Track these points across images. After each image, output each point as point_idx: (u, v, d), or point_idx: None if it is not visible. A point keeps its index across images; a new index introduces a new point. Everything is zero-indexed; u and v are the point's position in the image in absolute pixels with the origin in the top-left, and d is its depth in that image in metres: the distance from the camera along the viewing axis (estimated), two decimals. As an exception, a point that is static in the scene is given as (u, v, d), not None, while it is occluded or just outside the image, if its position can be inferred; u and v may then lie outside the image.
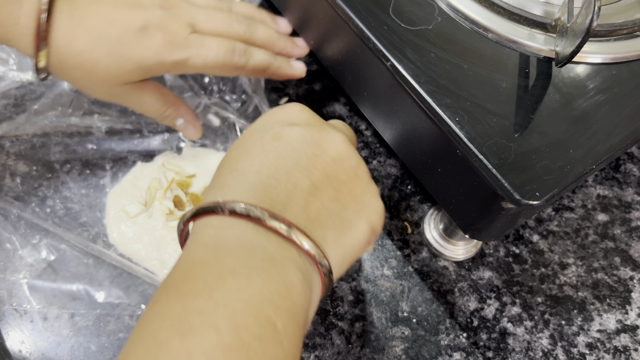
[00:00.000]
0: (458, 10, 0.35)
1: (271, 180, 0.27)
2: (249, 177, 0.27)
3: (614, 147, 0.31)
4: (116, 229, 0.41)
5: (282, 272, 0.24)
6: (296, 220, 0.26)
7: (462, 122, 0.30)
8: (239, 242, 0.25)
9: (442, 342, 0.39)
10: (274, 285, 0.23)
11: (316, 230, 0.27)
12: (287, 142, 0.29)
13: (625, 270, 0.43)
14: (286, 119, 0.30)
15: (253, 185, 0.27)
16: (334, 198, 0.28)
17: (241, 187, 0.27)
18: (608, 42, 0.35)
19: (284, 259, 0.25)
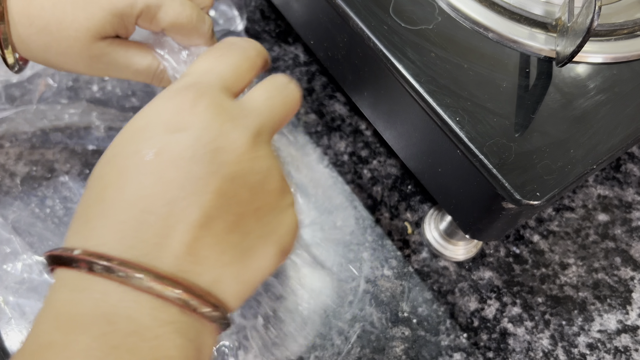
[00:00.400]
0: (458, 10, 0.35)
1: (146, 215, 0.22)
2: (118, 212, 0.22)
3: (614, 147, 0.31)
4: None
5: (153, 346, 0.20)
6: (177, 264, 0.22)
7: (462, 122, 0.30)
8: (98, 312, 0.20)
9: (442, 343, 0.39)
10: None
11: (206, 272, 0.23)
12: (170, 159, 0.23)
13: (625, 271, 0.43)
14: (172, 122, 0.24)
15: (122, 225, 0.22)
16: (232, 227, 0.23)
17: (107, 227, 0.22)
18: (609, 41, 0.35)
19: (157, 326, 0.21)
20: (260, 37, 0.51)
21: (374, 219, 0.43)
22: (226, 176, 0.23)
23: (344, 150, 0.46)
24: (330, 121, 0.47)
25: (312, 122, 0.47)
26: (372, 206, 0.44)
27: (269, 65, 0.32)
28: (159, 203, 0.22)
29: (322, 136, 0.47)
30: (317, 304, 0.40)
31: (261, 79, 0.30)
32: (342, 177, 0.45)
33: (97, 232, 0.22)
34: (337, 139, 0.47)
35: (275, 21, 0.52)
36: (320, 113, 0.48)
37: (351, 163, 0.46)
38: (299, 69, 0.50)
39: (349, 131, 0.47)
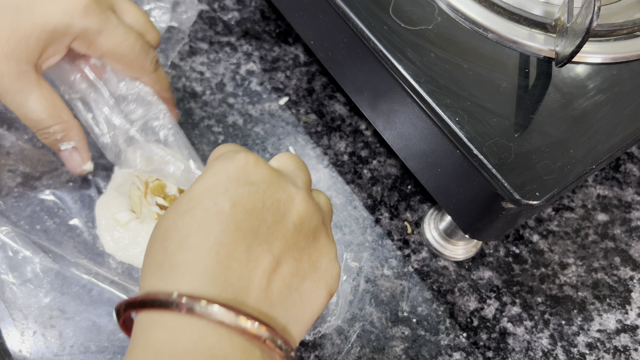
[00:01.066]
0: (458, 10, 0.35)
1: (231, 261, 0.24)
2: (205, 258, 0.24)
3: (614, 147, 0.31)
4: (110, 238, 0.40)
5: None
6: (259, 307, 0.24)
7: (462, 122, 0.30)
8: (198, 351, 0.22)
9: (442, 342, 0.39)
10: None
11: (280, 315, 0.24)
12: (245, 209, 0.25)
13: (625, 270, 0.43)
14: (241, 177, 0.26)
15: (210, 270, 0.23)
16: (294, 271, 0.26)
17: (196, 272, 0.23)
18: (608, 42, 0.35)
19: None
20: (260, 38, 0.51)
21: (373, 218, 0.44)
22: (289, 225, 0.26)
23: (344, 150, 0.46)
24: (330, 121, 0.47)
25: (312, 122, 0.47)
26: (372, 206, 0.44)
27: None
28: (240, 249, 0.24)
29: (322, 136, 0.47)
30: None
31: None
32: (342, 177, 0.45)
33: (187, 277, 0.23)
34: (337, 139, 0.47)
35: (275, 21, 0.52)
36: (320, 113, 0.48)
37: (351, 163, 0.46)
38: (299, 69, 0.50)
39: (349, 131, 0.47)
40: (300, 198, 0.27)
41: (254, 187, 0.25)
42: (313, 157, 0.46)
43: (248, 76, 0.49)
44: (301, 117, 0.47)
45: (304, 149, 0.46)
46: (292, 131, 0.47)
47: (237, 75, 0.49)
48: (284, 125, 0.47)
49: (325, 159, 0.46)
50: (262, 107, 0.48)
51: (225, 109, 0.47)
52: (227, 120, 0.47)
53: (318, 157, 0.46)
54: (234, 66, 0.49)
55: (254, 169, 0.26)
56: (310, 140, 0.46)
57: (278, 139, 0.46)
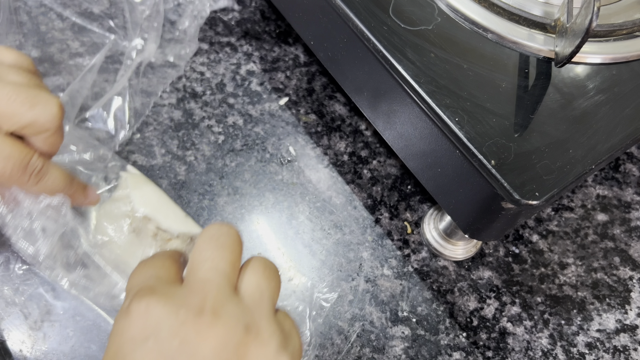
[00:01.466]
0: (458, 11, 0.35)
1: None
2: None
3: (613, 147, 0.31)
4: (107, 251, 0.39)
5: None
6: None
7: (461, 122, 0.30)
8: None
9: (441, 342, 0.39)
10: None
11: None
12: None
13: (624, 270, 0.43)
14: (138, 334, 0.24)
15: None
16: None
17: None
18: (607, 42, 0.35)
19: None
20: (260, 38, 0.51)
21: (373, 218, 0.44)
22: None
23: (344, 150, 0.46)
24: (330, 121, 0.48)
25: (312, 123, 0.47)
26: (372, 206, 0.44)
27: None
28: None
29: (322, 136, 0.47)
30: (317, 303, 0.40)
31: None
32: (342, 177, 0.45)
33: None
34: (337, 139, 0.47)
35: (275, 22, 0.52)
36: (320, 113, 0.48)
37: (351, 163, 0.46)
38: (299, 70, 0.50)
39: (349, 131, 0.47)
40: (268, 350, 0.24)
41: (148, 342, 0.23)
42: (313, 157, 0.46)
43: (248, 76, 0.49)
44: (301, 117, 0.48)
45: (304, 149, 0.46)
46: (292, 131, 0.47)
47: (238, 75, 0.49)
48: (284, 126, 0.47)
49: (325, 159, 0.46)
50: (262, 107, 0.48)
51: (226, 109, 0.47)
52: (228, 120, 0.47)
53: (318, 157, 0.46)
54: (234, 66, 0.49)
55: (145, 319, 0.24)
56: (310, 140, 0.47)
57: (278, 139, 0.46)
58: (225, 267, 0.26)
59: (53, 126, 0.32)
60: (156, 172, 0.44)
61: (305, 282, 0.40)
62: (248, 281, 0.26)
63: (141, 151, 0.44)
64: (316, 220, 0.43)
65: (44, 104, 0.31)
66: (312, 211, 0.43)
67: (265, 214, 0.43)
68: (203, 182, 0.44)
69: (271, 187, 0.44)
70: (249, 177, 0.44)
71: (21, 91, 0.31)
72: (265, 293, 0.26)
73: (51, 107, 0.32)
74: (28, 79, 0.32)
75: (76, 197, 0.36)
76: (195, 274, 0.26)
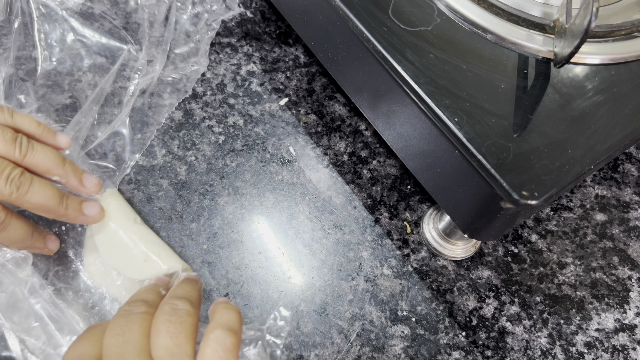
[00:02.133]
0: (457, 12, 0.35)
1: None
2: None
3: (612, 147, 0.31)
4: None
5: None
6: None
7: (461, 123, 0.30)
8: None
9: (441, 341, 0.39)
10: None
11: None
12: None
13: (623, 270, 0.43)
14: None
15: None
16: None
17: None
18: (606, 43, 0.35)
19: None
20: (261, 39, 0.51)
21: (373, 218, 0.44)
22: None
23: (344, 150, 0.46)
24: (330, 122, 0.48)
25: (312, 123, 0.47)
26: (372, 206, 0.44)
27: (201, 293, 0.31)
28: None
29: (322, 136, 0.47)
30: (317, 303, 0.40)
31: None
32: (342, 177, 0.45)
33: None
34: (337, 139, 0.47)
35: (275, 22, 0.52)
36: (320, 114, 0.48)
37: (351, 163, 0.46)
38: (299, 70, 0.50)
39: (349, 131, 0.47)
40: None
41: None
42: (313, 157, 0.46)
43: (248, 77, 0.49)
44: (301, 118, 0.48)
45: (304, 149, 0.46)
46: (292, 131, 0.47)
47: (238, 76, 0.49)
48: (284, 126, 0.47)
49: (325, 159, 0.46)
50: (263, 107, 0.48)
51: (226, 110, 0.47)
52: (228, 120, 0.47)
53: (318, 157, 0.46)
54: (235, 67, 0.49)
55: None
56: (310, 141, 0.47)
57: (278, 139, 0.46)
58: (188, 348, 0.26)
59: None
60: (157, 172, 0.44)
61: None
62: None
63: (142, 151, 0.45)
64: (316, 220, 0.43)
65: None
66: (312, 211, 0.44)
67: (265, 213, 0.43)
68: (203, 182, 0.44)
69: (271, 187, 0.44)
70: (249, 177, 0.45)
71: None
72: None
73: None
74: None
75: (36, 246, 0.36)
76: (158, 353, 0.26)
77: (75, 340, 0.28)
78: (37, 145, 0.35)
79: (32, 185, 0.33)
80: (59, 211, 0.35)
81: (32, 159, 0.34)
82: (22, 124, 0.36)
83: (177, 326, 0.26)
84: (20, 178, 0.33)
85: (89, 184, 0.37)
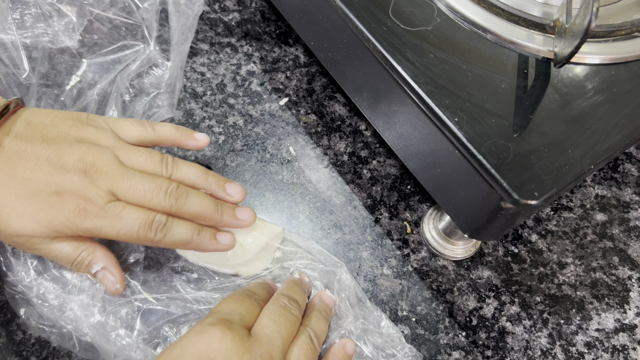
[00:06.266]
0: (457, 12, 0.35)
1: None
2: None
3: (612, 147, 0.31)
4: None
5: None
6: None
7: (461, 123, 0.30)
8: None
9: (441, 341, 0.39)
10: None
11: None
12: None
13: (623, 270, 0.43)
14: (204, 352, 0.29)
15: None
16: None
17: None
18: (606, 42, 0.35)
19: None
20: (261, 39, 0.51)
21: (373, 218, 0.44)
22: None
23: (344, 150, 0.46)
24: (330, 121, 0.48)
25: (312, 123, 0.47)
26: (372, 206, 0.44)
27: (274, 291, 0.38)
28: None
29: (322, 136, 0.47)
30: (317, 303, 0.40)
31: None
32: (342, 177, 0.45)
33: None
34: (337, 139, 0.47)
35: (275, 22, 0.52)
36: (320, 114, 0.48)
37: (351, 163, 0.46)
38: (299, 70, 0.50)
39: (349, 131, 0.47)
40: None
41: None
42: (313, 157, 0.46)
43: (248, 77, 0.49)
44: (301, 118, 0.48)
45: (304, 149, 0.46)
46: (292, 131, 0.47)
47: (238, 76, 0.49)
48: (284, 126, 0.47)
49: (325, 159, 0.46)
50: (263, 107, 0.48)
51: (226, 110, 0.47)
52: (228, 120, 0.47)
53: (318, 157, 0.46)
54: (235, 67, 0.49)
55: (218, 345, 0.30)
56: (310, 141, 0.47)
57: (278, 139, 0.46)
58: (285, 336, 0.32)
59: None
60: (157, 172, 0.44)
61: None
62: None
63: (142, 151, 0.45)
64: (316, 220, 0.43)
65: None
66: (312, 211, 0.44)
67: (265, 213, 0.43)
68: (203, 182, 0.44)
69: (271, 187, 0.44)
70: (249, 177, 0.45)
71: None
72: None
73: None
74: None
75: (203, 244, 0.37)
76: (263, 330, 0.32)
77: (231, 298, 0.34)
78: (181, 163, 0.37)
79: (189, 197, 0.36)
80: (214, 218, 0.37)
81: (178, 176, 0.37)
82: (163, 134, 0.39)
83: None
84: (178, 191, 0.35)
85: (233, 192, 0.39)
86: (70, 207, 0.33)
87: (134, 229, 0.34)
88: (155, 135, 0.39)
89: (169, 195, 0.35)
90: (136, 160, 0.36)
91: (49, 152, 0.33)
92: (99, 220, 0.33)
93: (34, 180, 0.33)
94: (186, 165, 0.38)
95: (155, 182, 0.35)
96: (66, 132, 0.35)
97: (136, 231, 0.34)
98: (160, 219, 0.34)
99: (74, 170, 0.33)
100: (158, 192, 0.35)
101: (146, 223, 0.34)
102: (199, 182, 0.37)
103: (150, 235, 0.34)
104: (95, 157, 0.34)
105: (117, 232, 0.34)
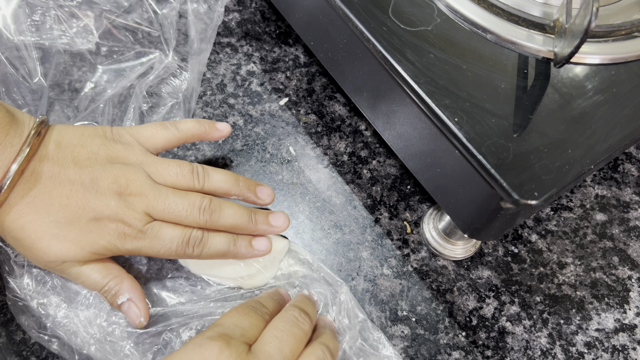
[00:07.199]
0: (457, 12, 0.35)
1: None
2: None
3: (612, 147, 0.31)
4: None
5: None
6: None
7: (461, 123, 0.30)
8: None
9: (441, 341, 0.39)
10: None
11: None
12: None
13: (623, 270, 0.43)
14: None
15: None
16: None
17: None
18: (606, 42, 0.35)
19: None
20: (261, 39, 0.51)
21: (373, 218, 0.44)
22: None
23: (344, 150, 0.46)
24: (330, 122, 0.48)
25: (312, 123, 0.47)
26: (372, 206, 0.44)
27: (285, 301, 0.37)
28: None
29: (322, 136, 0.47)
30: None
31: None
32: (341, 177, 0.45)
33: None
34: (337, 139, 0.47)
35: (275, 22, 0.52)
36: (320, 113, 0.48)
37: (351, 163, 0.46)
38: (299, 70, 0.50)
39: (349, 131, 0.47)
40: None
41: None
42: (313, 157, 0.46)
43: (248, 77, 0.49)
44: (301, 118, 0.48)
45: (304, 149, 0.46)
46: (292, 131, 0.47)
47: (238, 76, 0.49)
48: (284, 126, 0.47)
49: (325, 159, 0.46)
50: (263, 107, 0.48)
51: (226, 110, 0.47)
52: (228, 120, 0.47)
53: (318, 157, 0.46)
54: (235, 67, 0.49)
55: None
56: (310, 141, 0.47)
57: (278, 139, 0.46)
58: (287, 353, 0.31)
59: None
60: (157, 172, 0.44)
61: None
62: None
63: (142, 151, 0.45)
64: (316, 220, 0.43)
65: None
66: (312, 211, 0.44)
67: (265, 213, 0.43)
68: (203, 182, 0.44)
69: (271, 187, 0.44)
70: (249, 177, 0.45)
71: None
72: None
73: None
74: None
75: (241, 253, 0.37)
76: (263, 347, 0.30)
77: (235, 311, 0.33)
78: (211, 171, 0.37)
79: (222, 210, 0.36)
80: (249, 227, 0.37)
81: (210, 186, 0.37)
82: (187, 131, 0.39)
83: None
84: (211, 206, 0.36)
85: (263, 195, 0.39)
86: (110, 232, 0.33)
87: (172, 247, 0.34)
88: (180, 134, 0.39)
89: (202, 211, 0.35)
90: (167, 175, 0.36)
91: (82, 177, 0.34)
92: (138, 242, 0.34)
93: (72, 206, 0.33)
94: (216, 172, 0.38)
95: (188, 199, 0.35)
96: (96, 153, 0.35)
97: (175, 249, 0.35)
98: (196, 235, 0.35)
99: (109, 194, 0.34)
100: (192, 210, 0.35)
101: (183, 241, 0.35)
102: (231, 189, 0.38)
103: (188, 251, 0.35)
104: (128, 179, 0.34)
105: (157, 251, 0.34)
